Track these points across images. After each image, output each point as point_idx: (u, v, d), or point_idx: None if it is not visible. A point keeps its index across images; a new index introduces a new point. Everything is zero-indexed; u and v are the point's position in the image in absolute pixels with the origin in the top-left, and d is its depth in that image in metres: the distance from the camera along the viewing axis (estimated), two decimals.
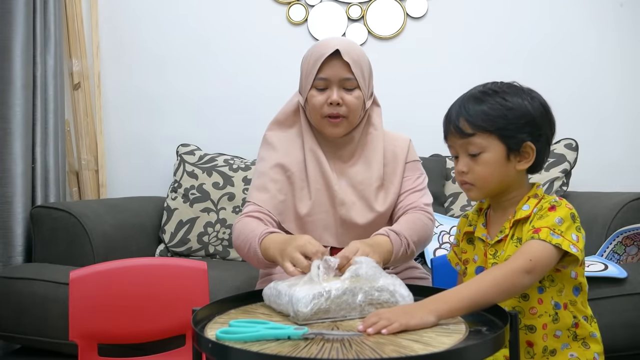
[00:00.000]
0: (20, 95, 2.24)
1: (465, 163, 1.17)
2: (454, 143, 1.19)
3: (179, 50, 2.78)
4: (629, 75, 2.72)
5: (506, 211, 1.19)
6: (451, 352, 0.87)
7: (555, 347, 1.14)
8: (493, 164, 1.14)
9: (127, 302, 1.51)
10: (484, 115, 1.13)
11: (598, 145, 2.67)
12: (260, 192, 1.52)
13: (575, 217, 1.11)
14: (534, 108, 1.15)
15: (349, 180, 1.53)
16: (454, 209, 2.43)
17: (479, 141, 1.14)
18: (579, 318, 1.14)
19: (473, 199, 1.22)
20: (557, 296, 1.13)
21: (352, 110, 1.48)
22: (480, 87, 1.19)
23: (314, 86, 1.48)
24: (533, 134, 1.14)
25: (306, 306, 1.02)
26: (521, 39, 2.73)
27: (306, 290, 1.05)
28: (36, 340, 1.91)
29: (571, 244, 1.06)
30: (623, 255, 1.90)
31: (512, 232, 1.16)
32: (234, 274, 1.99)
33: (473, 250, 1.25)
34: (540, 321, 1.13)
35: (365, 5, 2.74)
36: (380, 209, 1.51)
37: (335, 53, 1.45)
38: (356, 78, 1.47)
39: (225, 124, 2.77)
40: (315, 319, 1.04)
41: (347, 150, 1.54)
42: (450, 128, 1.18)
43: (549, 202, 1.13)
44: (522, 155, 1.15)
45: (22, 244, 2.20)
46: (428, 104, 2.69)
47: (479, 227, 1.24)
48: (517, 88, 1.18)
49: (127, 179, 2.77)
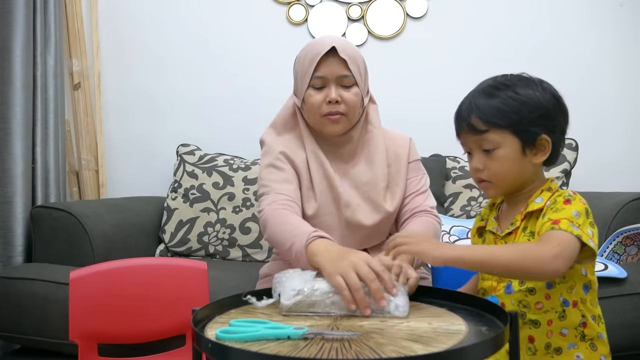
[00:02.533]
0: (20, 95, 2.24)
1: (479, 160, 1.15)
2: (466, 140, 1.16)
3: (179, 50, 2.78)
4: (629, 75, 2.73)
5: (518, 204, 1.17)
6: (451, 352, 0.87)
7: (561, 346, 1.12)
8: (509, 159, 1.12)
9: (127, 302, 1.51)
10: (496, 111, 1.11)
11: (598, 145, 2.67)
12: (284, 183, 1.46)
13: (589, 213, 1.10)
14: (546, 100, 1.13)
15: (352, 181, 1.51)
16: (454, 209, 2.43)
17: (492, 137, 1.12)
18: (587, 317, 1.12)
19: (491, 197, 1.19)
20: (567, 293, 1.11)
21: (351, 108, 1.46)
22: (490, 81, 1.17)
23: (311, 85, 1.46)
24: (547, 126, 1.12)
25: (288, 299, 1.07)
26: (521, 39, 2.73)
27: (294, 284, 1.09)
28: (36, 340, 1.91)
29: (589, 238, 1.05)
30: (623, 255, 1.90)
31: (524, 224, 1.14)
32: (234, 274, 1.99)
33: (482, 243, 1.24)
34: (546, 317, 1.11)
35: (365, 5, 2.74)
36: (390, 208, 1.50)
37: (331, 51, 1.44)
38: (353, 75, 1.45)
39: (225, 124, 2.77)
40: (299, 311, 1.07)
41: (347, 150, 1.53)
42: (463, 125, 1.15)
43: (564, 196, 1.11)
44: (538, 148, 1.13)
45: (22, 244, 2.20)
46: (428, 104, 2.70)
47: (491, 221, 1.23)
48: (528, 79, 1.16)
49: (127, 179, 2.77)
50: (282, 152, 1.50)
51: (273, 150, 1.52)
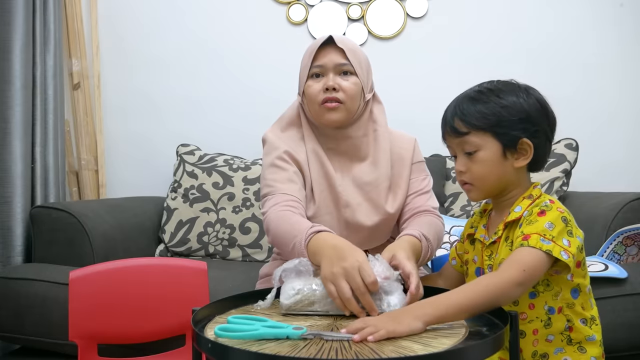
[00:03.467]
0: (20, 95, 2.24)
1: (462, 162, 1.17)
2: (451, 143, 1.20)
3: (179, 50, 2.78)
4: (630, 75, 2.72)
5: (504, 212, 1.18)
6: (451, 352, 0.87)
7: (547, 351, 1.12)
8: (489, 161, 1.14)
9: (127, 302, 1.51)
10: (477, 114, 1.14)
11: (598, 145, 2.67)
12: (288, 183, 1.44)
13: (568, 220, 1.09)
14: (529, 104, 1.14)
15: (355, 179, 1.49)
16: (454, 209, 2.43)
17: (473, 139, 1.14)
18: (573, 322, 1.12)
19: (474, 199, 1.21)
20: (552, 300, 1.11)
21: (349, 96, 1.45)
22: (476, 87, 1.19)
23: (310, 76, 1.47)
24: (528, 130, 1.13)
25: (287, 299, 1.09)
26: (521, 40, 2.73)
27: (294, 284, 1.10)
28: (36, 340, 1.91)
29: (562, 250, 1.04)
30: (623, 255, 1.90)
31: (506, 233, 1.14)
32: (234, 274, 1.99)
33: (473, 251, 1.25)
34: (531, 327, 1.12)
35: (365, 5, 2.74)
36: (391, 210, 1.48)
37: (329, 42, 1.45)
38: (352, 64, 1.45)
39: (225, 124, 2.77)
40: (298, 309, 1.09)
41: (349, 146, 1.51)
42: (447, 128, 1.19)
43: (540, 206, 1.11)
44: (520, 152, 1.14)
45: (22, 244, 2.20)
46: (428, 104, 2.69)
47: (480, 229, 1.23)
48: (514, 85, 1.17)
49: (127, 179, 2.77)
50: (286, 151, 1.48)
51: (276, 148, 1.50)
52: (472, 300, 0.99)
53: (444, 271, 1.35)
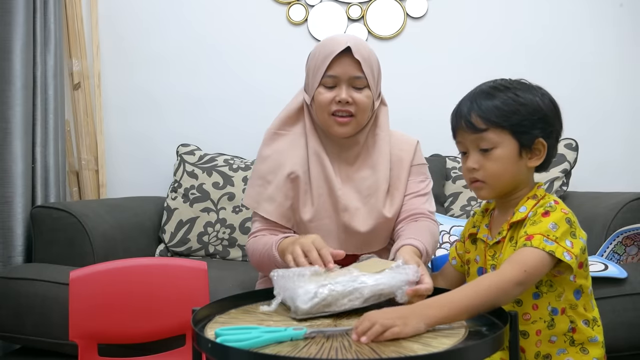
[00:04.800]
0: (20, 95, 2.24)
1: (475, 160, 1.14)
2: (464, 139, 1.16)
3: (179, 50, 2.78)
4: (629, 75, 2.72)
5: (508, 211, 1.17)
6: (451, 352, 0.87)
7: (550, 352, 1.12)
8: (505, 160, 1.12)
9: (127, 302, 1.51)
10: (497, 111, 1.11)
11: (598, 145, 2.67)
12: (267, 202, 1.49)
13: (572, 221, 1.09)
14: (545, 104, 1.14)
15: (354, 184, 1.49)
16: (454, 209, 2.43)
17: (491, 137, 1.12)
18: (577, 323, 1.12)
19: (483, 198, 1.18)
20: (556, 301, 1.11)
21: (361, 110, 1.44)
22: (491, 83, 1.17)
23: (322, 84, 1.44)
24: (545, 130, 1.13)
25: (305, 303, 1.04)
26: (521, 39, 2.73)
27: (308, 286, 1.06)
28: (36, 340, 1.91)
29: (565, 251, 1.04)
30: (623, 255, 1.90)
31: (510, 233, 1.14)
32: (234, 274, 1.99)
33: (475, 251, 1.24)
34: (534, 327, 1.12)
35: (365, 5, 2.74)
36: (388, 214, 1.48)
37: (345, 50, 1.41)
38: (366, 77, 1.43)
39: (225, 124, 2.77)
40: (315, 313, 1.05)
41: (352, 152, 1.51)
42: (461, 123, 1.15)
43: (544, 207, 1.10)
44: (534, 152, 1.14)
45: (22, 244, 2.20)
46: (428, 104, 2.70)
47: (482, 228, 1.23)
48: (527, 85, 1.16)
49: (127, 179, 2.77)
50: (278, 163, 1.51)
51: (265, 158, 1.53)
52: (474, 300, 0.99)
53: (444, 271, 1.35)
